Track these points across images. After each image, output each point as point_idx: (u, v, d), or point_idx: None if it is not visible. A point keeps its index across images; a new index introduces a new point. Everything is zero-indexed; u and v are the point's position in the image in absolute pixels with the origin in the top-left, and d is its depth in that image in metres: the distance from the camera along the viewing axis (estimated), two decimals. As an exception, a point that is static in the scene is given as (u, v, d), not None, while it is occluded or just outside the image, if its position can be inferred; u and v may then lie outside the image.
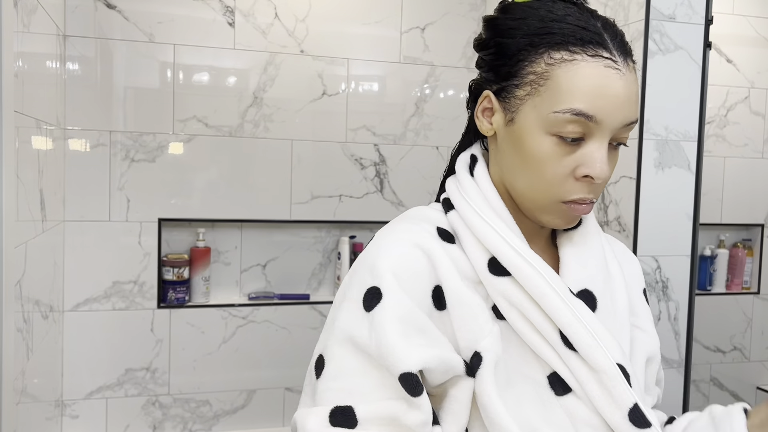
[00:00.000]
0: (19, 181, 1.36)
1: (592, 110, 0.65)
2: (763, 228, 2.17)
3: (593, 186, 0.68)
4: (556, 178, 0.68)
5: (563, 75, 0.65)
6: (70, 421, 2.03)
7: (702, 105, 1.57)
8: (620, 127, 0.67)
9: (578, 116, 0.65)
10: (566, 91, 0.65)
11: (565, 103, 0.65)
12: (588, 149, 0.67)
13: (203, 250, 2.14)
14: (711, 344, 2.14)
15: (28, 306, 1.50)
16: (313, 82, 2.20)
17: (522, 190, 0.71)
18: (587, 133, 0.66)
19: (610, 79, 0.65)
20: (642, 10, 1.53)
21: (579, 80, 0.65)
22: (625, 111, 0.66)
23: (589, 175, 0.66)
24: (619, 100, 0.65)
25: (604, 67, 0.65)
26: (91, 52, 1.98)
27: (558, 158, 0.67)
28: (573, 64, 0.65)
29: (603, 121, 0.65)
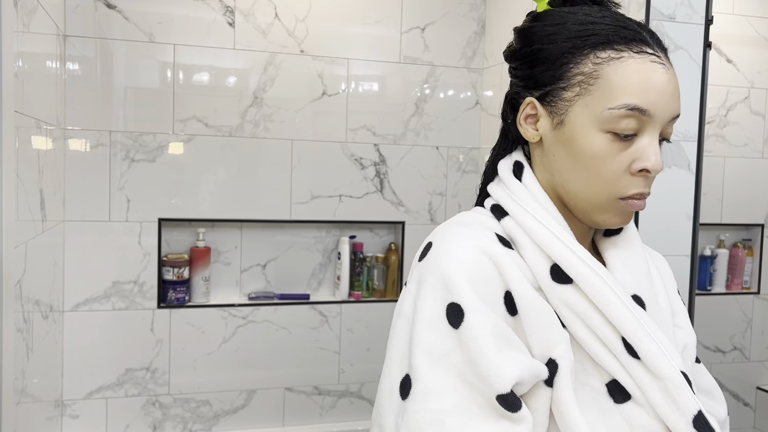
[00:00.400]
0: (19, 181, 1.36)
1: (645, 104, 0.66)
2: (763, 228, 2.17)
3: (647, 180, 0.69)
4: (613, 174, 0.68)
5: (613, 72, 0.67)
6: (70, 421, 2.03)
7: (702, 105, 1.57)
8: (668, 120, 0.68)
9: (633, 111, 0.66)
10: (618, 87, 0.66)
11: (619, 99, 0.66)
12: (642, 143, 0.68)
13: (203, 250, 2.14)
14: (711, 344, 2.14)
15: (28, 306, 1.50)
16: (313, 82, 2.20)
17: (577, 191, 0.71)
18: (640, 128, 0.67)
19: (657, 73, 0.67)
20: (642, 10, 1.53)
21: (629, 76, 0.66)
22: (673, 104, 0.68)
23: (645, 168, 0.67)
24: (668, 94, 0.67)
25: (651, 62, 0.67)
26: (91, 52, 1.98)
27: (613, 155, 0.67)
28: (621, 62, 0.67)
29: (655, 114, 0.66)
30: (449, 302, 0.63)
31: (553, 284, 0.68)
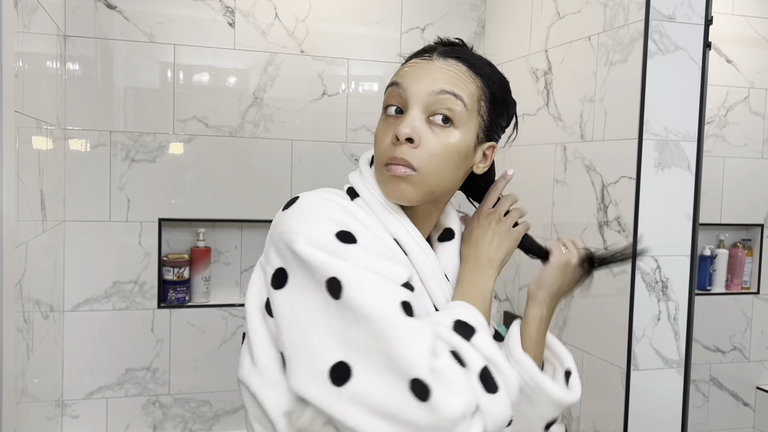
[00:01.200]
0: (19, 181, 1.36)
1: (400, 79, 0.81)
2: (762, 228, 2.17)
3: (408, 150, 0.78)
4: (382, 147, 0.81)
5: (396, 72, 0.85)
6: (71, 421, 2.03)
7: (702, 105, 1.57)
8: (427, 94, 0.79)
9: (390, 87, 0.82)
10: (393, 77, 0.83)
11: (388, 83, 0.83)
12: (403, 118, 0.79)
13: (203, 250, 2.14)
14: (711, 344, 2.14)
15: (28, 306, 1.50)
16: (313, 82, 2.20)
17: (374, 168, 0.84)
18: (403, 105, 0.80)
19: (418, 64, 0.82)
20: (642, 10, 1.53)
21: (401, 69, 0.84)
22: (427, 82, 0.79)
23: (395, 135, 0.78)
24: (421, 73, 0.80)
25: (419, 60, 0.83)
26: (91, 52, 1.99)
27: (385, 132, 0.81)
28: (403, 66, 0.85)
29: (408, 87, 0.80)
30: (338, 230, 0.73)
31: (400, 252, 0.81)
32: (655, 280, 1.57)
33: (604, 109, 1.68)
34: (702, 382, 2.14)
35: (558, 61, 1.89)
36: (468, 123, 0.80)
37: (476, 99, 0.81)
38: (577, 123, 1.79)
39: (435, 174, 0.79)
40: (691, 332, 1.61)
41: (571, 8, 1.83)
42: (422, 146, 0.78)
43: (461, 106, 0.79)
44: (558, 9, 1.90)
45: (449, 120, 0.79)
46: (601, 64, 1.69)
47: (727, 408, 2.18)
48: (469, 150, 0.82)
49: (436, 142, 0.78)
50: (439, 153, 0.78)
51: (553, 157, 1.89)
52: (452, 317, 0.76)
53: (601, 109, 1.69)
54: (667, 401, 1.60)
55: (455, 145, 0.79)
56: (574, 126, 1.80)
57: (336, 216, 0.75)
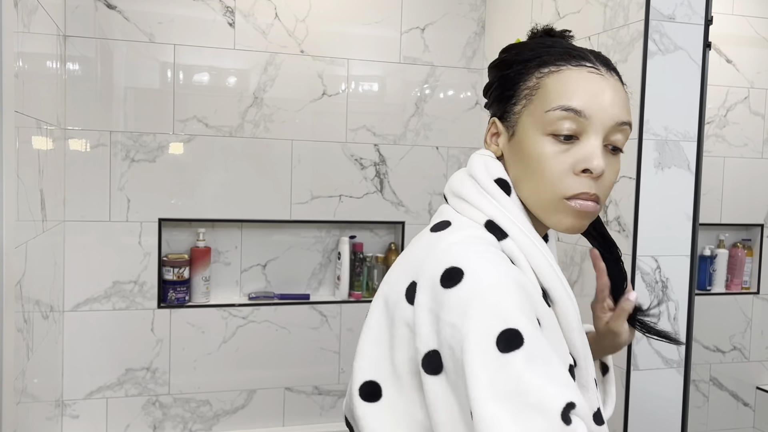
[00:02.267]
0: (19, 181, 1.36)
1: (580, 105, 0.71)
2: (762, 228, 2.17)
3: (594, 182, 0.72)
4: (556, 175, 0.72)
5: (552, 82, 0.74)
6: (71, 420, 2.03)
7: (702, 105, 1.57)
8: (611, 125, 0.72)
9: (567, 111, 0.71)
10: (555, 92, 0.73)
11: (555, 102, 0.72)
12: (584, 145, 0.72)
13: (203, 250, 2.14)
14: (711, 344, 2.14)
15: (28, 306, 1.50)
16: (313, 82, 2.20)
17: (528, 195, 0.75)
18: (580, 130, 0.72)
19: (593, 80, 0.72)
20: (642, 10, 1.53)
21: (566, 82, 0.73)
22: (612, 109, 0.72)
23: (587, 168, 0.71)
24: (605, 98, 0.72)
25: (588, 72, 0.73)
26: (91, 53, 1.99)
27: (556, 156, 0.72)
28: (560, 73, 0.74)
29: (591, 116, 0.71)
30: (504, 328, 0.62)
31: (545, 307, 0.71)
32: (655, 280, 1.57)
33: (604, 109, 1.68)
34: (702, 382, 2.14)
35: (558, 61, 1.89)
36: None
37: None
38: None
39: (605, 202, 0.76)
40: (691, 332, 1.61)
41: (571, 8, 1.83)
42: (604, 178, 0.73)
43: (629, 132, 0.75)
44: (558, 9, 1.90)
45: (622, 148, 0.76)
46: (601, 64, 1.69)
47: (727, 408, 2.18)
48: None
49: (612, 172, 0.74)
50: (613, 182, 0.74)
51: (553, 157, 1.89)
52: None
53: (601, 109, 1.69)
54: (667, 401, 1.60)
55: (619, 171, 0.77)
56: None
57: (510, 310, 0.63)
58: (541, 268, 0.72)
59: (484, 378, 0.60)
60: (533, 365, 0.61)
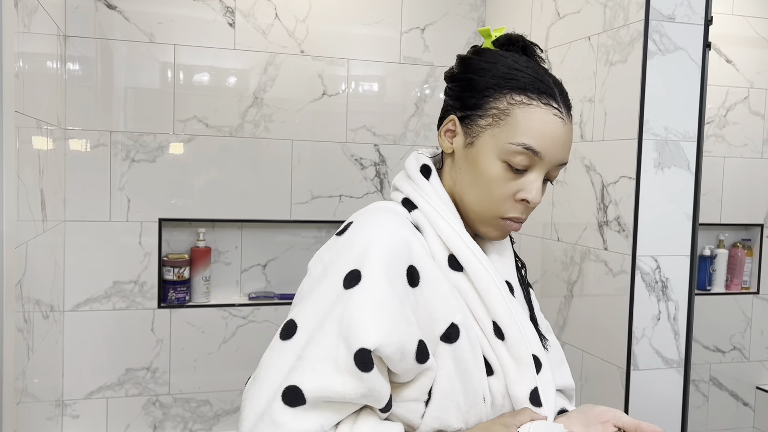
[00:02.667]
0: (19, 181, 1.36)
1: (539, 147, 0.80)
2: (762, 228, 2.17)
3: (527, 208, 0.83)
4: (500, 197, 0.82)
5: (521, 115, 0.80)
6: (71, 420, 2.03)
7: (701, 105, 1.57)
8: (555, 165, 0.82)
9: (527, 150, 0.80)
10: (522, 127, 0.80)
11: (519, 138, 0.80)
12: (528, 178, 0.81)
13: (203, 250, 2.14)
14: (710, 344, 2.14)
15: (28, 306, 1.50)
16: (313, 82, 2.20)
17: (470, 202, 0.84)
18: (531, 165, 0.81)
19: (556, 125, 0.80)
20: (642, 10, 1.53)
21: (533, 122, 0.80)
22: (562, 152, 0.82)
23: (526, 199, 0.81)
24: (560, 143, 0.81)
25: (552, 115, 0.81)
26: (91, 53, 1.99)
27: (504, 182, 0.81)
28: (529, 108, 0.80)
29: (545, 157, 0.80)
30: (351, 269, 0.74)
31: (449, 271, 0.82)
32: (655, 280, 1.57)
33: (604, 109, 1.68)
34: (702, 382, 2.14)
35: (558, 61, 1.89)
36: None
37: None
38: (577, 123, 1.79)
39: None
40: (691, 332, 1.61)
41: (571, 8, 1.83)
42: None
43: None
44: (558, 9, 1.90)
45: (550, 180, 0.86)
46: (600, 64, 1.69)
47: (727, 408, 2.18)
48: None
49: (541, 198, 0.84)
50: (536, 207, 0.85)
51: (553, 157, 1.89)
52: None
53: (601, 109, 1.69)
54: (667, 401, 1.60)
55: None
56: (574, 126, 1.80)
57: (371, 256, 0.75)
58: (447, 236, 0.82)
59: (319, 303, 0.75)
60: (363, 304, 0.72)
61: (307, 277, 0.81)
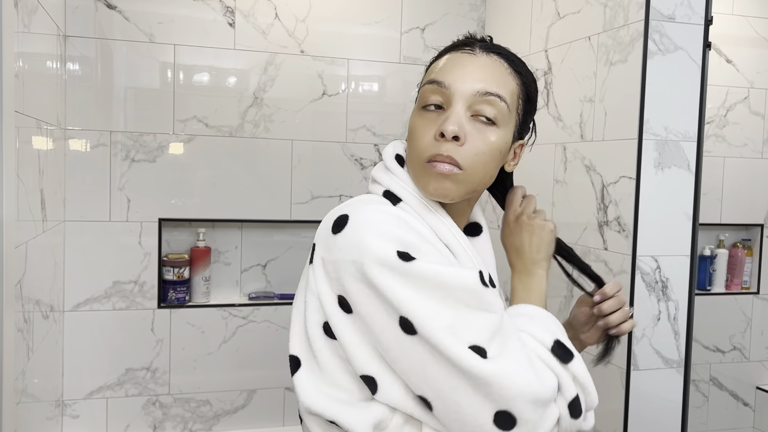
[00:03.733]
0: (19, 181, 1.36)
1: (441, 77, 0.79)
2: (762, 228, 2.17)
3: (453, 147, 0.77)
4: (423, 143, 0.79)
5: (433, 65, 0.84)
6: (71, 420, 2.03)
7: (701, 105, 1.57)
8: (471, 94, 0.78)
9: (431, 84, 0.80)
10: (429, 73, 0.83)
11: (426, 79, 0.82)
12: (445, 114, 0.79)
13: (203, 250, 2.14)
14: (710, 344, 2.14)
15: (28, 306, 1.50)
16: (313, 82, 2.20)
17: (408, 166, 0.83)
18: (445, 101, 0.79)
19: (461, 58, 0.81)
20: (642, 10, 1.53)
21: (438, 64, 0.83)
22: (472, 80, 0.79)
23: (441, 131, 0.77)
24: (466, 71, 0.79)
25: (460, 53, 0.82)
26: (91, 53, 1.99)
27: (425, 126, 0.79)
28: (440, 59, 0.84)
29: (451, 85, 0.79)
30: (395, 251, 0.70)
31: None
32: (655, 280, 1.57)
33: (604, 109, 1.68)
34: (702, 382, 2.14)
35: (558, 61, 1.89)
36: (508, 122, 0.81)
37: (516, 97, 0.82)
38: (577, 123, 1.79)
39: (479, 172, 0.79)
40: (691, 332, 1.61)
41: (571, 8, 1.83)
42: (467, 144, 0.77)
43: (504, 106, 0.79)
44: (558, 9, 1.90)
45: (492, 118, 0.79)
46: (601, 64, 1.69)
47: (727, 408, 2.18)
48: (507, 148, 0.83)
49: (480, 140, 0.78)
50: (483, 152, 0.78)
51: (553, 157, 1.90)
52: (552, 336, 0.75)
53: (601, 109, 1.69)
54: (667, 401, 1.60)
55: (497, 143, 0.80)
56: (574, 126, 1.80)
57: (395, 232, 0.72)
58: (436, 226, 0.80)
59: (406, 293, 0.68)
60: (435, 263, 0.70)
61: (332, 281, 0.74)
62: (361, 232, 0.71)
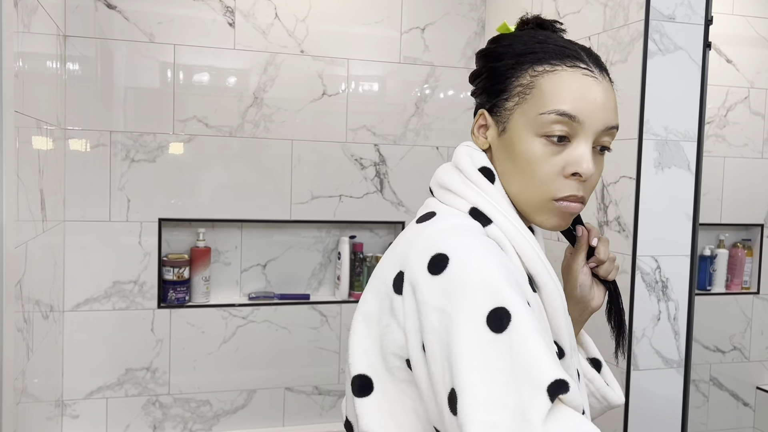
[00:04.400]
0: (19, 181, 1.36)
1: (574, 111, 0.72)
2: (762, 228, 2.17)
3: (582, 184, 0.74)
4: (546, 176, 0.74)
5: (546, 82, 0.74)
6: (71, 421, 2.03)
7: (702, 105, 1.57)
8: (601, 129, 0.74)
9: (562, 116, 0.72)
10: (550, 94, 0.73)
11: (550, 105, 0.73)
12: (574, 149, 0.73)
13: (203, 250, 2.14)
14: (711, 344, 2.14)
15: (28, 306, 1.50)
16: (313, 82, 2.20)
17: (516, 192, 0.77)
18: (572, 134, 0.73)
19: (587, 84, 0.73)
20: (642, 10, 1.53)
21: (561, 85, 0.73)
22: (604, 114, 0.74)
23: (577, 172, 0.73)
24: (598, 103, 0.73)
25: (582, 75, 0.74)
26: (91, 52, 1.99)
27: (547, 158, 0.73)
28: (554, 74, 0.74)
29: (584, 121, 0.73)
30: (493, 307, 0.62)
31: (531, 292, 0.73)
32: (655, 280, 1.57)
33: (604, 109, 1.68)
34: (702, 382, 2.13)
35: (558, 61, 1.89)
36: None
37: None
38: (577, 123, 1.78)
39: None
40: (691, 332, 1.60)
41: (571, 8, 1.83)
42: (590, 179, 0.75)
43: (616, 133, 0.77)
44: (558, 9, 1.90)
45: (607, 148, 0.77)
46: (601, 64, 1.69)
47: (727, 408, 2.18)
48: None
49: (597, 172, 0.76)
50: (597, 181, 0.77)
51: (553, 157, 1.89)
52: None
53: (601, 109, 1.69)
54: (667, 401, 1.60)
55: (602, 170, 0.78)
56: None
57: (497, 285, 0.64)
58: (527, 253, 0.74)
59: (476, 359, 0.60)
60: (527, 341, 0.61)
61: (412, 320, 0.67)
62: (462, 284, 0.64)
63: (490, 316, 0.62)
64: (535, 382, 0.59)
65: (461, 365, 0.60)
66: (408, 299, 0.68)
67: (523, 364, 0.60)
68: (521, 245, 0.74)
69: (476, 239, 0.69)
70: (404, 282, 0.69)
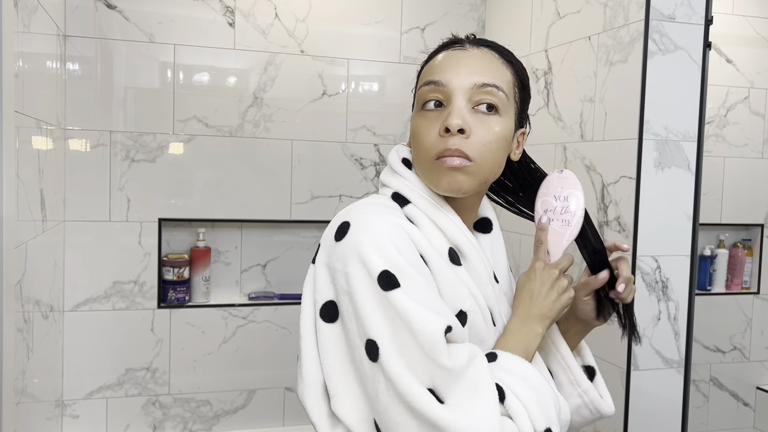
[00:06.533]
0: (19, 181, 1.36)
1: (438, 76, 0.80)
2: (762, 228, 2.17)
3: (463, 141, 0.78)
4: (429, 141, 0.80)
5: (425, 69, 0.85)
6: (71, 421, 2.03)
7: (702, 105, 1.57)
8: (469, 87, 0.79)
9: (428, 84, 0.81)
10: (424, 75, 0.84)
11: (422, 81, 0.83)
12: (447, 110, 0.79)
13: (203, 250, 2.14)
14: (711, 344, 2.14)
15: (28, 306, 1.50)
16: (313, 82, 2.20)
17: (416, 167, 0.84)
18: (445, 99, 0.80)
19: (453, 55, 0.82)
20: (642, 10, 1.53)
21: (432, 64, 0.84)
22: (468, 72, 0.80)
23: (445, 126, 0.78)
24: (461, 66, 0.80)
25: (451, 51, 0.83)
26: (91, 52, 1.99)
27: (428, 126, 0.80)
28: (432, 60, 0.85)
29: (449, 82, 0.80)
30: (381, 270, 0.71)
31: (450, 264, 0.80)
32: (655, 280, 1.57)
33: (604, 109, 1.68)
34: (702, 382, 2.14)
35: (558, 61, 1.89)
36: (508, 110, 0.82)
37: (512, 86, 0.83)
38: (577, 123, 1.79)
39: (488, 162, 0.80)
40: (691, 332, 1.61)
41: (571, 8, 1.83)
42: (473, 136, 0.78)
43: (503, 95, 0.80)
44: (558, 9, 1.90)
45: (493, 107, 0.80)
46: (601, 64, 1.69)
47: (727, 408, 2.18)
48: (511, 136, 0.84)
49: (485, 130, 0.79)
50: (490, 141, 0.79)
51: (553, 157, 1.89)
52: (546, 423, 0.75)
53: (601, 109, 1.69)
54: (667, 401, 1.60)
55: (502, 132, 0.81)
56: (574, 126, 1.80)
57: (389, 251, 0.72)
58: (448, 228, 0.81)
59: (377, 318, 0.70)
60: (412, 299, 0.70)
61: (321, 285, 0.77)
62: (356, 244, 0.73)
63: (381, 276, 0.70)
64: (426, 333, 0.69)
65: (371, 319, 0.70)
66: (318, 266, 0.78)
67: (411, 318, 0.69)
68: (442, 221, 0.81)
69: (380, 208, 0.78)
70: (317, 253, 0.80)
